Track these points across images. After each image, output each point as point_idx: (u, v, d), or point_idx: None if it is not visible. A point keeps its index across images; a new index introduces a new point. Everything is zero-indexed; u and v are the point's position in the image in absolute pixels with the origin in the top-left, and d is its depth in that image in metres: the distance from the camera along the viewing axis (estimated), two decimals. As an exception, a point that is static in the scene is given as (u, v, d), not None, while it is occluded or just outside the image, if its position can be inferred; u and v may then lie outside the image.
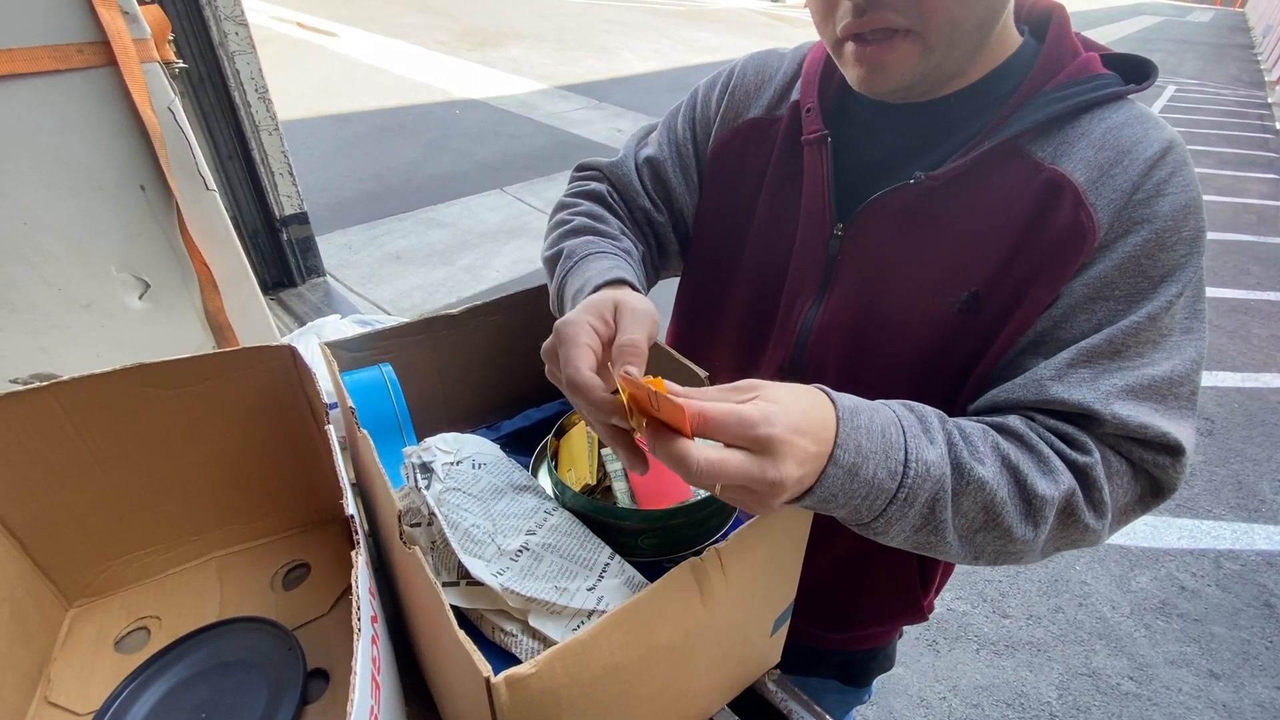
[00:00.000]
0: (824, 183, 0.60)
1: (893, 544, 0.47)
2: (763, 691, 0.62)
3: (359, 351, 0.70)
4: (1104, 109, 0.52)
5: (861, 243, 0.59)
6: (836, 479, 0.40)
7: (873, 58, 0.51)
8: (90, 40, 0.72)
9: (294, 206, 1.43)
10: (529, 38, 8.95)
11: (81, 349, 0.81)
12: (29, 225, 0.75)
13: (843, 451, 0.40)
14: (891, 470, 0.42)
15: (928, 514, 0.44)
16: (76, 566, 0.65)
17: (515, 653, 0.45)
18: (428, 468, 0.53)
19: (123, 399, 0.61)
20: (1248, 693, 1.71)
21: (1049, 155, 0.52)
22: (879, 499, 0.42)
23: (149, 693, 0.57)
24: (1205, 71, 9.82)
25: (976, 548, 0.48)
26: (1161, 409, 0.49)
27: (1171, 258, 0.49)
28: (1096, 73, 0.53)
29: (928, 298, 0.56)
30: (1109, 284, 0.50)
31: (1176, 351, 0.50)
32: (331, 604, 0.66)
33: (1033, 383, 0.50)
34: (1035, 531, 0.47)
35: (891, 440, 0.43)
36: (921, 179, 0.54)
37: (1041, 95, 0.52)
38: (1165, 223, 0.49)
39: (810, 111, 0.61)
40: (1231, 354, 3.09)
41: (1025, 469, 0.46)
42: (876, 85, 0.53)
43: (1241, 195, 4.99)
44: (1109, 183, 0.50)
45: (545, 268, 0.66)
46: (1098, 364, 0.49)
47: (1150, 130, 0.51)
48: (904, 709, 1.67)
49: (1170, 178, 0.49)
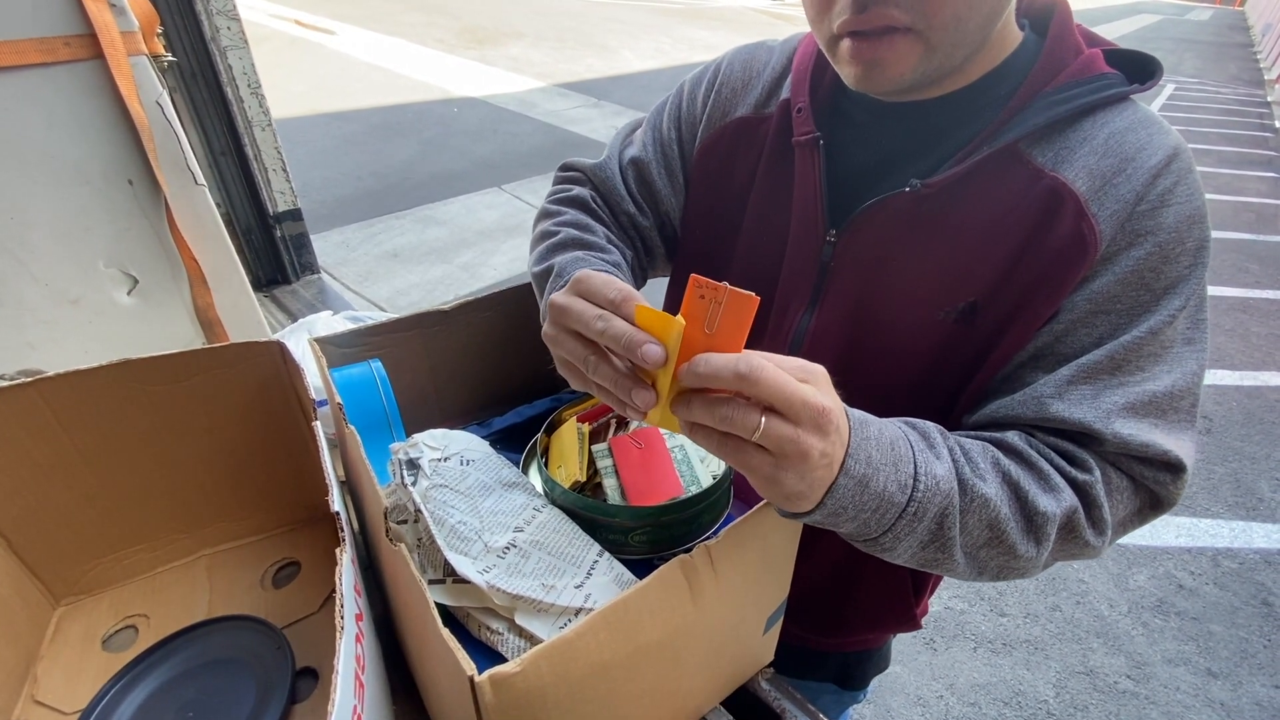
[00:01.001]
0: (816, 188, 0.58)
1: (899, 561, 0.46)
2: (756, 690, 0.61)
3: (349, 347, 0.69)
4: (1106, 112, 0.51)
5: (854, 250, 0.57)
6: (847, 490, 0.39)
7: (870, 54, 0.49)
8: (77, 33, 0.72)
9: (287, 203, 1.43)
10: (528, 36, 8.94)
11: (69, 345, 0.80)
12: (15, 220, 0.74)
13: (854, 461, 0.39)
14: (901, 484, 0.41)
15: (935, 530, 0.44)
16: (64, 564, 0.64)
17: (501, 651, 0.45)
18: (415, 464, 0.52)
19: (109, 395, 0.60)
20: (1245, 691, 1.71)
21: (1049, 161, 0.50)
22: (888, 512, 0.41)
23: (136, 691, 0.56)
24: (1204, 70, 9.82)
25: (980, 564, 0.48)
26: (1162, 424, 0.48)
27: (1175, 270, 0.48)
28: (1099, 72, 0.51)
29: (923, 307, 0.55)
30: (1111, 298, 0.49)
31: (1178, 364, 0.49)
32: (321, 602, 0.66)
33: (1032, 400, 0.50)
34: (1038, 549, 0.47)
35: (901, 453, 0.42)
36: (918, 187, 0.52)
37: (1042, 97, 0.51)
38: (1169, 234, 0.47)
39: (801, 112, 0.59)
40: (1230, 352, 3.09)
41: (1027, 486, 0.46)
42: (873, 84, 0.51)
43: (1241, 194, 4.99)
44: (1111, 192, 0.48)
45: (534, 284, 0.64)
46: (1098, 380, 0.48)
47: (1155, 136, 0.50)
48: (901, 707, 1.67)
49: (1174, 187, 0.48)
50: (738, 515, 0.45)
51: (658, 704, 0.51)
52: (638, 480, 0.57)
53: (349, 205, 4.09)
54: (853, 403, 0.43)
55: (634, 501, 0.56)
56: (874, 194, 0.54)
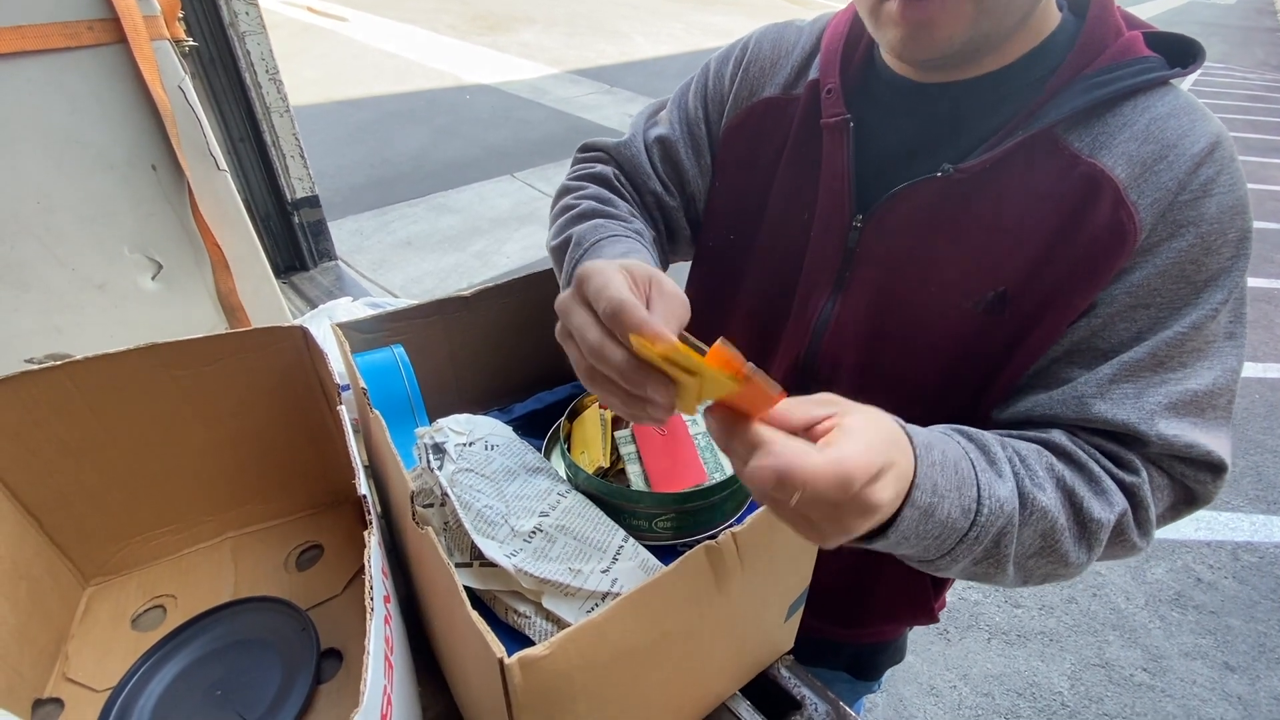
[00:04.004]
0: (844, 171, 0.57)
1: (946, 575, 0.46)
2: (775, 677, 0.62)
3: (371, 333, 0.69)
4: (1147, 96, 0.49)
5: (881, 236, 0.56)
6: (911, 521, 0.38)
7: (921, 15, 0.46)
8: (100, 17, 0.72)
9: (305, 190, 1.43)
10: (540, 22, 8.87)
11: (95, 329, 0.81)
12: (41, 205, 0.75)
13: (920, 492, 0.38)
14: (965, 509, 0.40)
15: (992, 548, 0.43)
16: (93, 545, 0.65)
17: (528, 634, 0.45)
18: (440, 449, 0.52)
19: (136, 379, 0.61)
20: (1263, 685, 1.70)
21: (1087, 147, 0.49)
22: (949, 538, 0.40)
23: (165, 670, 0.57)
24: (1231, 55, 9.57)
25: (1027, 572, 0.47)
26: (1202, 423, 0.47)
27: (1217, 262, 0.46)
28: (1140, 54, 0.49)
29: (951, 295, 0.54)
30: (1151, 291, 0.47)
31: (1219, 360, 0.47)
32: (344, 585, 0.66)
33: (1074, 399, 0.48)
34: (1089, 555, 0.46)
35: (964, 476, 0.41)
36: (950, 172, 0.50)
37: (1081, 79, 0.49)
38: (1211, 225, 0.46)
39: (831, 93, 0.57)
40: (1254, 344, 3.03)
41: (1081, 493, 0.45)
42: (919, 48, 0.48)
43: (1267, 182, 4.88)
44: (1152, 180, 0.46)
45: (553, 258, 0.63)
46: (1140, 378, 0.47)
47: (1197, 123, 0.48)
48: (914, 697, 1.67)
49: (1217, 176, 0.46)
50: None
51: (680, 689, 0.51)
52: (661, 466, 0.57)
53: (362, 193, 4.10)
54: (877, 396, 0.40)
55: (657, 487, 0.56)
56: (903, 179, 0.53)
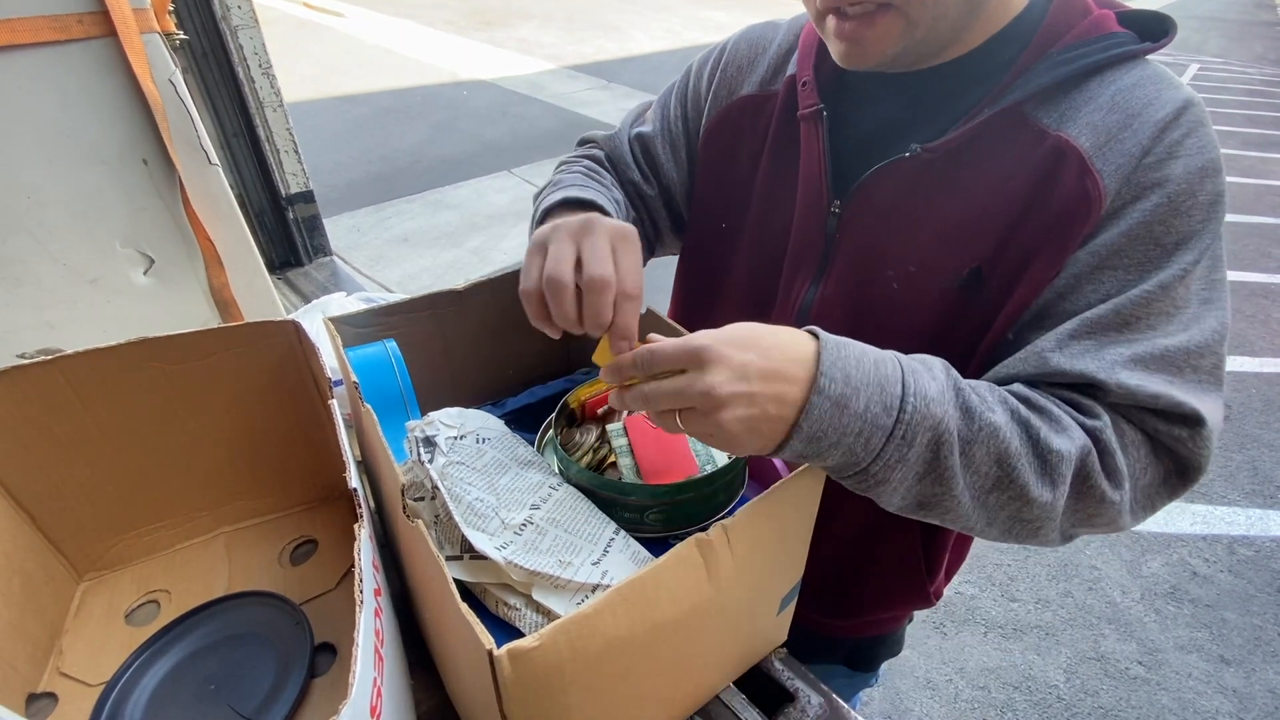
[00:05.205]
0: (820, 159, 0.58)
1: (895, 501, 0.44)
2: (769, 669, 0.62)
3: (363, 327, 0.69)
4: (1115, 70, 0.49)
5: (858, 220, 0.57)
6: (823, 411, 0.39)
7: (853, 34, 0.49)
8: (89, 10, 0.71)
9: (299, 185, 1.42)
10: (537, 17, 8.84)
11: (87, 324, 0.81)
12: (33, 200, 0.74)
13: (828, 380, 0.39)
14: (887, 405, 0.40)
15: (931, 459, 0.42)
16: (87, 540, 0.65)
17: (518, 626, 0.45)
18: (431, 442, 0.52)
19: (128, 373, 0.61)
20: (1259, 678, 1.70)
21: (1054, 121, 0.49)
22: (875, 436, 0.40)
23: (159, 664, 0.57)
24: (1229, 49, 9.55)
25: (990, 511, 0.45)
26: (1178, 380, 0.46)
27: (1186, 224, 0.46)
28: (1109, 31, 0.49)
29: (929, 275, 0.54)
30: (1117, 252, 0.47)
31: (1194, 323, 0.46)
32: (338, 579, 0.66)
33: (1033, 355, 0.48)
34: (1054, 492, 0.44)
35: (886, 374, 0.41)
36: (918, 151, 0.52)
37: (1047, 58, 0.49)
38: (1179, 186, 0.45)
39: (806, 85, 0.59)
40: (1251, 339, 3.04)
41: (1037, 424, 0.44)
42: (858, 61, 0.51)
43: (1265, 177, 4.87)
44: (1117, 147, 0.47)
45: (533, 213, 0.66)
46: (1103, 335, 0.46)
47: (1164, 90, 0.48)
48: (910, 691, 1.67)
49: (1184, 139, 0.46)
50: (753, 495, 0.45)
51: (673, 681, 0.51)
52: (653, 459, 0.57)
53: (359, 189, 4.09)
54: None
55: (649, 480, 0.56)
56: (877, 163, 0.54)
